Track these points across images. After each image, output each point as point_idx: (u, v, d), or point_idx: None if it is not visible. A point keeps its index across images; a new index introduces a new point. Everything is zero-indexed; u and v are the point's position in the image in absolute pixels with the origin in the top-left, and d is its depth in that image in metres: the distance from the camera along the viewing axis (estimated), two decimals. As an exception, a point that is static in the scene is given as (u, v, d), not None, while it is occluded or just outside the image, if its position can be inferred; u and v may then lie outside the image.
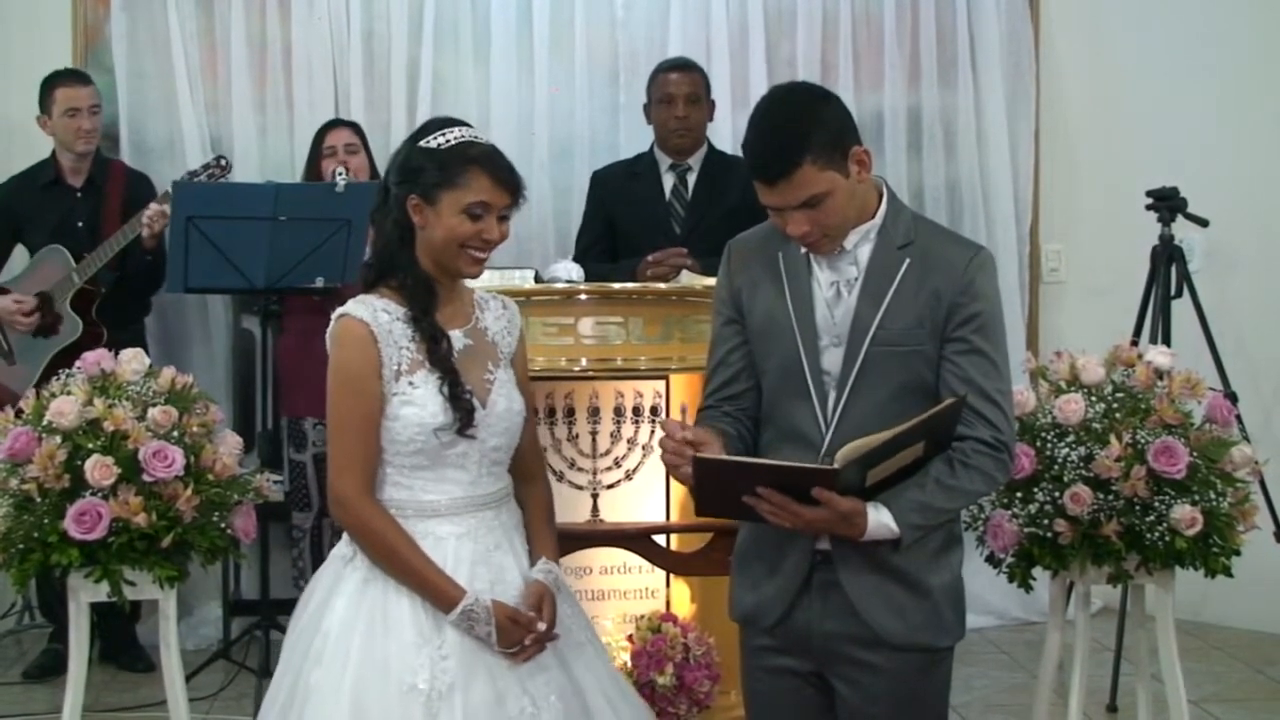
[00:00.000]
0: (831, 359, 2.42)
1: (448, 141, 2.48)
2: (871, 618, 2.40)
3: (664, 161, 4.81)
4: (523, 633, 2.46)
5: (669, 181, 4.80)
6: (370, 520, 2.49)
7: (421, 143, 2.51)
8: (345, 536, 2.58)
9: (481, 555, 2.50)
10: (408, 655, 2.40)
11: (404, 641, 2.42)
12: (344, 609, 2.47)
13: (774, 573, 2.47)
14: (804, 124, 2.34)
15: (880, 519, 2.33)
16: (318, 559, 4.68)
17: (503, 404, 2.54)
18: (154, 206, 4.52)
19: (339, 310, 2.53)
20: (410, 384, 2.47)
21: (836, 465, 2.26)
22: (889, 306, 2.40)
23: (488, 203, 2.47)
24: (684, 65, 4.85)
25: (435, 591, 2.44)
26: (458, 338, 2.54)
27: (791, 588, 2.45)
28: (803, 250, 2.46)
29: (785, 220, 2.38)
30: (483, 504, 2.54)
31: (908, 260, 2.41)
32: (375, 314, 2.49)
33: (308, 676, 2.43)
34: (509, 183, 2.49)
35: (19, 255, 4.89)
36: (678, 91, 4.74)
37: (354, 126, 4.87)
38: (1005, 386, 2.42)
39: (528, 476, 2.67)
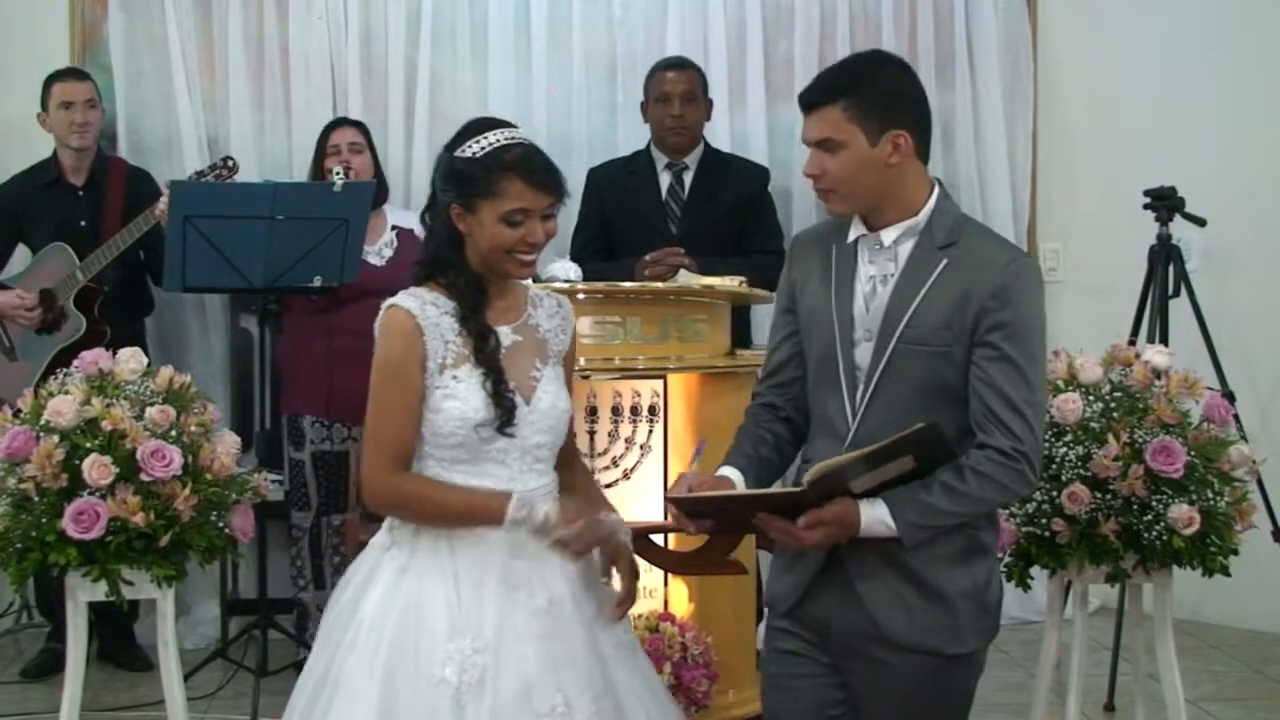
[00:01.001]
0: (863, 353, 2.43)
1: (482, 149, 2.46)
2: (878, 614, 2.41)
3: (660, 160, 4.81)
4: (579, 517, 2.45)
5: (665, 180, 4.80)
6: (400, 486, 2.49)
7: (458, 151, 2.49)
8: (385, 525, 2.57)
9: (519, 550, 2.48)
10: (438, 646, 2.40)
11: (435, 632, 2.41)
12: (379, 598, 2.47)
13: (798, 560, 2.50)
14: (857, 74, 2.42)
15: (875, 514, 2.34)
16: (316, 558, 4.69)
17: (548, 401, 2.53)
18: (165, 200, 4.52)
19: (389, 301, 2.51)
20: (454, 378, 2.47)
21: (804, 487, 2.30)
22: (920, 305, 2.39)
23: (526, 208, 2.45)
24: (680, 64, 4.85)
25: (484, 511, 2.44)
26: (506, 334, 2.53)
27: (805, 578, 2.47)
28: (850, 239, 2.48)
29: (808, 160, 2.43)
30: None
31: (945, 260, 2.40)
32: (423, 307, 2.48)
33: (341, 663, 2.44)
34: (547, 184, 2.47)
35: (20, 255, 4.88)
36: (674, 90, 4.74)
37: (359, 126, 4.85)
38: (1033, 398, 2.36)
39: (566, 464, 2.66)
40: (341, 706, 2.40)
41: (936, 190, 2.47)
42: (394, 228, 4.73)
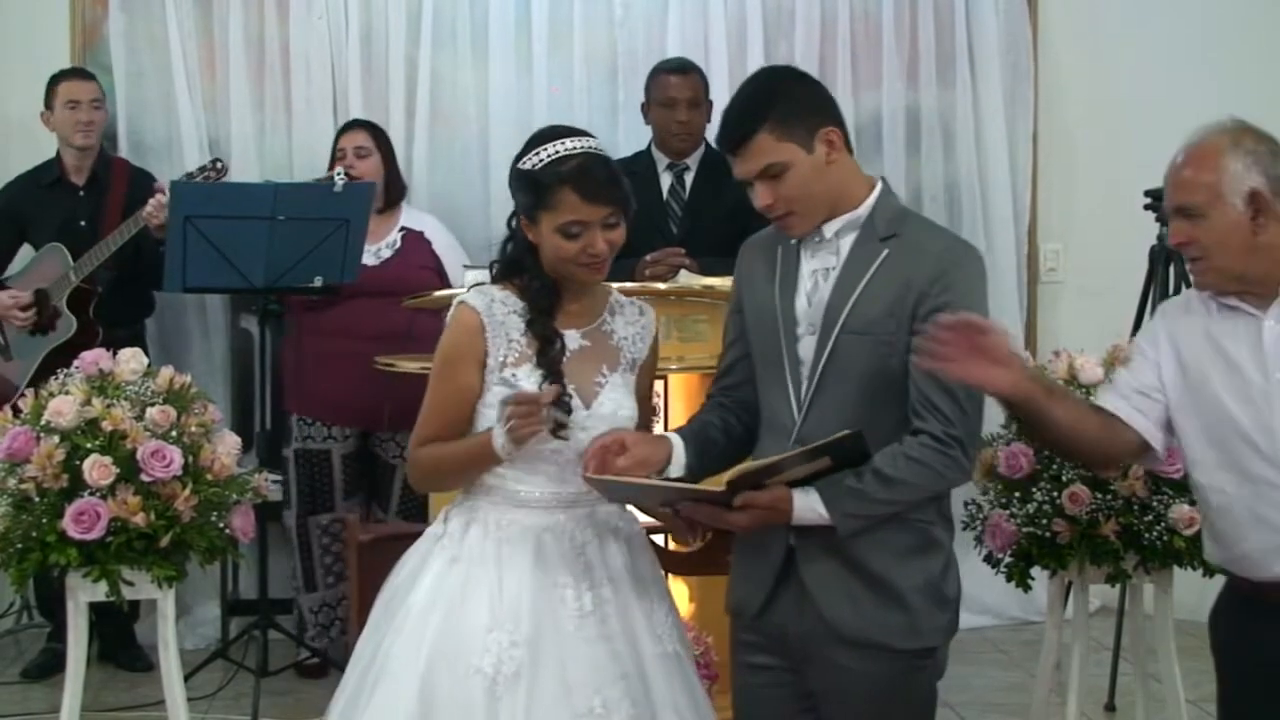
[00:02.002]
0: (806, 347, 2.43)
1: (540, 161, 2.46)
2: (827, 609, 2.39)
3: (661, 161, 4.81)
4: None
5: (666, 181, 4.80)
6: (428, 454, 2.53)
7: (520, 163, 2.50)
8: (441, 514, 2.59)
9: (569, 551, 2.50)
10: (477, 638, 2.41)
11: (476, 624, 2.43)
12: (429, 586, 2.49)
13: (757, 564, 2.48)
14: (767, 96, 2.41)
15: (808, 503, 2.33)
16: (306, 559, 4.68)
17: (609, 407, 2.52)
18: (154, 200, 4.52)
19: (460, 296, 2.56)
20: (513, 375, 2.47)
21: (724, 486, 2.31)
22: (860, 295, 2.39)
23: (582, 220, 2.44)
24: (685, 68, 4.84)
25: (479, 448, 2.46)
26: (573, 338, 2.53)
27: (767, 582, 2.46)
28: (793, 241, 2.48)
29: (755, 194, 2.42)
30: (575, 501, 2.53)
31: (886, 251, 2.40)
32: (491, 304, 2.50)
33: (389, 648, 2.47)
34: (601, 195, 2.45)
35: (23, 254, 4.89)
36: (679, 95, 4.73)
37: (369, 127, 4.81)
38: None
39: None
40: (385, 691, 2.43)
41: (879, 186, 2.48)
42: (402, 229, 4.72)
